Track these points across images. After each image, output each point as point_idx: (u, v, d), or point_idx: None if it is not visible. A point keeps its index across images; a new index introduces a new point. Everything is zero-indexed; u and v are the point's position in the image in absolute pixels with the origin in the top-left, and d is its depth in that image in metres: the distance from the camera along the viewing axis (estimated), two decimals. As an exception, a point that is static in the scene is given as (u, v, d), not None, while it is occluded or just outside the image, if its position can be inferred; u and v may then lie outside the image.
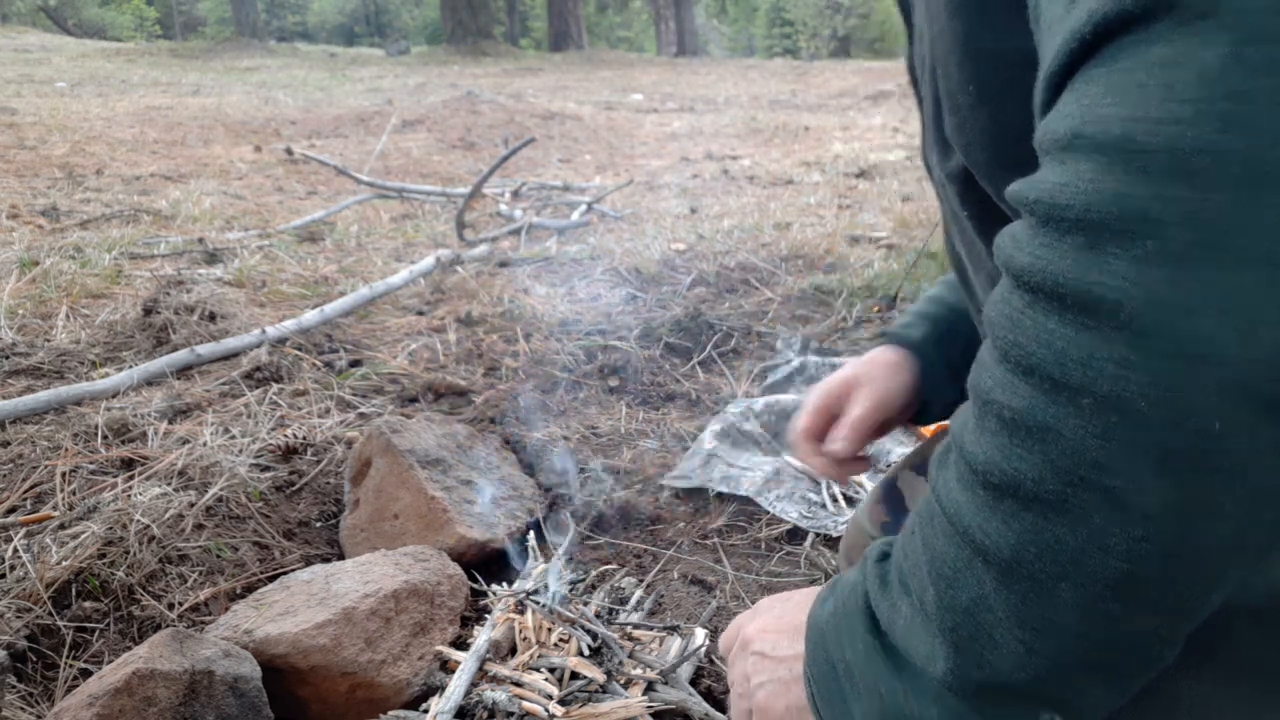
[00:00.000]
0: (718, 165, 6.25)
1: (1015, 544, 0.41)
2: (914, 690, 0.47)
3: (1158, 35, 0.36)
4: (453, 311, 2.84)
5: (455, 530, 1.53)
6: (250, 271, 3.22)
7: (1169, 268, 0.36)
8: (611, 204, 4.71)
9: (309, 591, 1.31)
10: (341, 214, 4.43)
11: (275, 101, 9.98)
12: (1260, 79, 0.34)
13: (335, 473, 1.80)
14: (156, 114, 8.18)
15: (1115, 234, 0.37)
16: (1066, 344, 0.39)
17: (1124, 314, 0.37)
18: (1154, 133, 0.36)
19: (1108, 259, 0.37)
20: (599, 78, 14.73)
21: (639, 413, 2.18)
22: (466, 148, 7.00)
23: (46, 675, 1.26)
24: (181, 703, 1.09)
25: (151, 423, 1.90)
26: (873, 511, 1.12)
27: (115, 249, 3.40)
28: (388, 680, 1.24)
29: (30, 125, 6.87)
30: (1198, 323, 0.36)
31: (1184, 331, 0.36)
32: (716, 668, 1.37)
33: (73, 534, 1.47)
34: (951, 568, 0.44)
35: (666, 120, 9.20)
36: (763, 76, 15.60)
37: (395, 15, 37.56)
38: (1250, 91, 0.34)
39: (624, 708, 1.15)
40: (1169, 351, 0.36)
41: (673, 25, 25.09)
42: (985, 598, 0.43)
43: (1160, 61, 0.36)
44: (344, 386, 2.22)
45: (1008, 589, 0.42)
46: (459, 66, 16.58)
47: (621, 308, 2.86)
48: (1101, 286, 0.37)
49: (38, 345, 2.35)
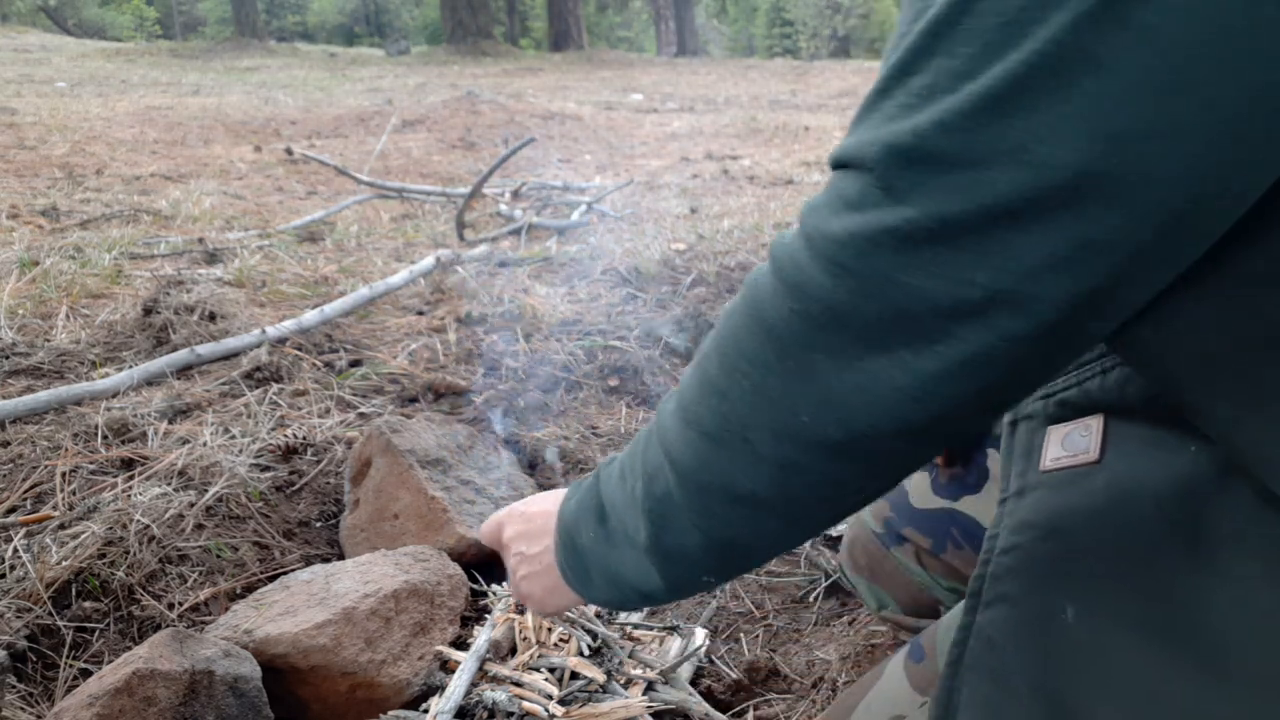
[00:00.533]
0: (718, 165, 6.25)
1: (690, 459, 0.56)
2: (626, 555, 0.64)
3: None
4: (453, 311, 2.84)
5: (455, 530, 1.53)
6: (250, 271, 3.22)
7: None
8: (611, 204, 4.71)
9: (309, 591, 1.31)
10: (341, 214, 4.43)
11: (275, 101, 9.99)
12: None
13: (335, 473, 1.80)
14: (156, 114, 8.18)
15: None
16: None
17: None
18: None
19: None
20: (599, 78, 14.73)
21: (639, 413, 2.18)
22: (466, 148, 7.00)
23: (46, 675, 1.26)
24: (181, 703, 1.09)
25: (151, 423, 1.90)
26: (877, 507, 1.12)
27: (115, 249, 3.40)
28: (388, 680, 1.24)
29: (30, 125, 6.87)
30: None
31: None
32: (717, 668, 1.37)
33: (73, 534, 1.47)
34: (654, 467, 0.60)
35: (666, 120, 9.20)
36: (763, 76, 15.60)
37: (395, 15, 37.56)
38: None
39: (624, 708, 1.15)
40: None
41: (673, 25, 25.10)
42: (670, 492, 0.58)
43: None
44: (344, 386, 2.22)
45: (683, 487, 0.57)
46: (459, 66, 16.58)
47: (621, 308, 2.86)
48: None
49: (38, 345, 2.35)
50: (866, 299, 0.46)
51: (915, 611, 1.11)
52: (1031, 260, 0.42)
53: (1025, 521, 0.61)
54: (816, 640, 1.42)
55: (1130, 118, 0.40)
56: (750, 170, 6.03)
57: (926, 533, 1.05)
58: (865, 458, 0.51)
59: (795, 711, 1.26)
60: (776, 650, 1.41)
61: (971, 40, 0.42)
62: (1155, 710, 0.50)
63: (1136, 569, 0.54)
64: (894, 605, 1.12)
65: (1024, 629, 0.57)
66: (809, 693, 1.29)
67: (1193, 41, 0.38)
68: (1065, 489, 0.60)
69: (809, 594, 1.55)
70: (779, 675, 1.34)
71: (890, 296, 0.45)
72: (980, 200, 0.42)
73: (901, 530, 1.07)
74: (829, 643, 1.39)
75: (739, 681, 1.33)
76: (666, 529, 0.60)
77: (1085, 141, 0.40)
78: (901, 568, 1.08)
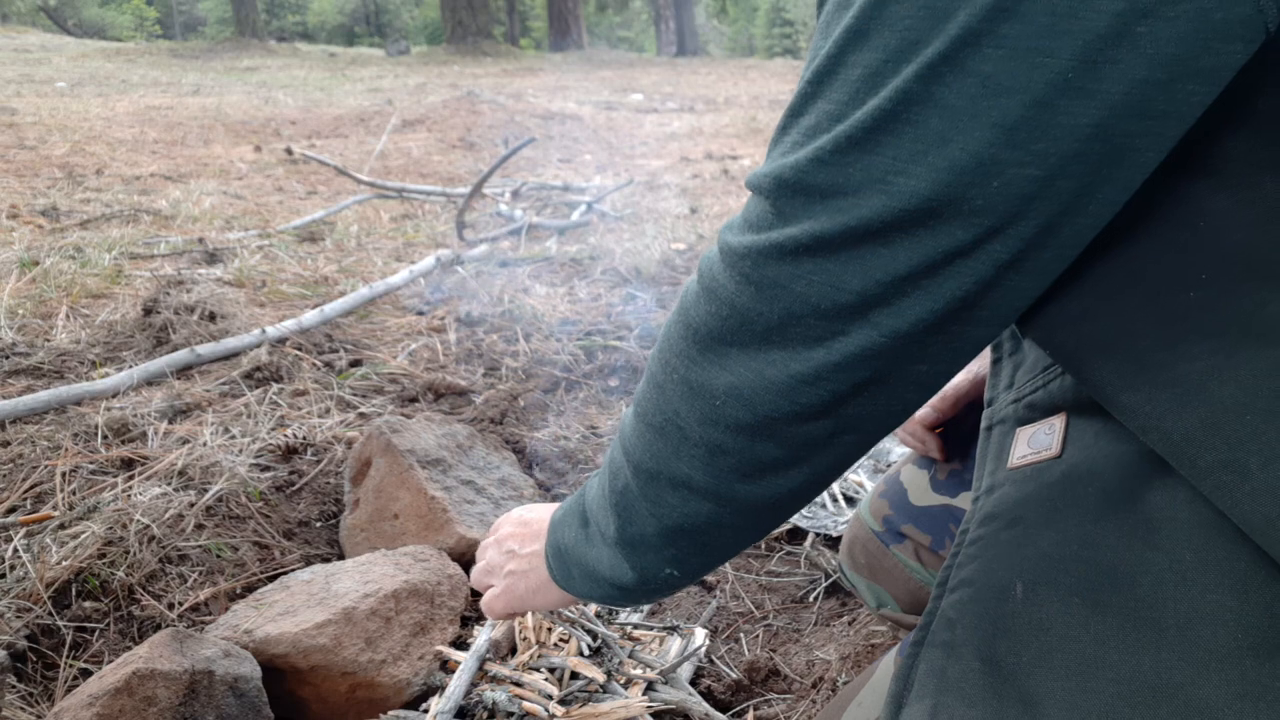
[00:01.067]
0: (718, 165, 6.25)
1: (640, 451, 0.64)
2: (599, 548, 0.70)
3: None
4: (453, 311, 2.84)
5: (455, 530, 1.53)
6: (250, 271, 3.22)
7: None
8: (611, 204, 4.71)
9: (309, 591, 1.31)
10: (341, 214, 4.43)
11: (275, 101, 9.98)
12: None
13: (335, 473, 1.80)
14: (156, 114, 8.19)
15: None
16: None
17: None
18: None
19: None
20: (599, 78, 14.72)
21: (639, 413, 2.18)
22: (466, 148, 7.00)
23: (46, 675, 1.26)
24: (181, 703, 1.09)
25: (151, 423, 1.90)
26: (876, 505, 1.13)
27: (115, 249, 3.40)
28: (388, 680, 1.24)
29: (30, 125, 6.87)
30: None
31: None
32: (716, 668, 1.37)
33: (73, 534, 1.47)
34: (616, 465, 0.67)
35: (666, 120, 9.20)
36: (763, 76, 15.60)
37: (395, 15, 37.56)
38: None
39: (624, 708, 1.15)
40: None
41: (673, 25, 25.10)
42: (629, 485, 0.65)
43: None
44: (344, 386, 2.22)
45: (637, 477, 0.64)
46: (459, 66, 16.58)
47: (621, 308, 2.86)
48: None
49: (38, 345, 2.35)
50: (765, 302, 0.53)
51: (914, 610, 1.11)
52: (897, 269, 0.49)
53: (990, 514, 0.65)
54: (816, 640, 1.42)
55: (969, 152, 0.45)
56: (750, 170, 6.03)
57: (926, 529, 1.06)
58: (777, 438, 0.57)
59: (795, 711, 1.26)
60: (776, 650, 1.41)
61: (843, 88, 0.49)
62: (1093, 677, 0.52)
63: (1080, 547, 0.56)
64: (893, 604, 1.13)
65: (977, 606, 0.60)
66: (809, 693, 1.29)
67: (1022, 85, 0.44)
68: (1027, 483, 0.63)
69: (809, 594, 1.55)
70: (779, 675, 1.34)
71: (782, 300, 0.52)
72: (848, 221, 0.49)
73: (901, 528, 1.08)
74: (829, 643, 1.39)
75: (739, 681, 1.33)
76: (629, 520, 0.66)
77: (933, 172, 0.46)
78: (901, 565, 1.09)
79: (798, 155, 0.50)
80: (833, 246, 0.50)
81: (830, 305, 0.51)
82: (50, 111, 7.80)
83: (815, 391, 0.54)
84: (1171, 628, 0.51)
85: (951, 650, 0.60)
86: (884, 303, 0.50)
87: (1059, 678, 0.53)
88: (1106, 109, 0.44)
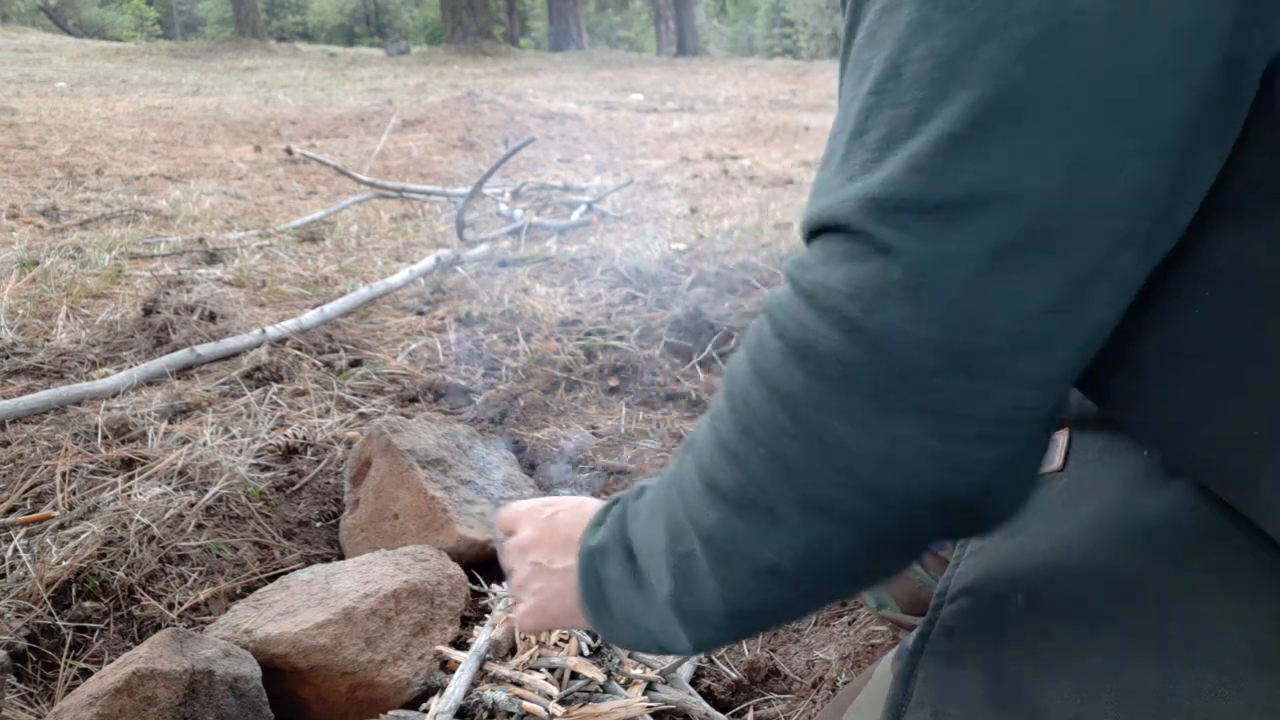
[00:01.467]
0: (718, 165, 6.24)
1: (711, 524, 0.53)
2: (648, 604, 0.61)
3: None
4: (453, 311, 2.84)
5: (455, 530, 1.53)
6: (250, 271, 3.22)
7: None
8: (611, 204, 4.70)
9: (309, 591, 1.31)
10: (341, 214, 4.43)
11: (275, 101, 9.98)
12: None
13: (335, 473, 1.80)
14: (156, 114, 8.18)
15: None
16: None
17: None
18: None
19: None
20: (599, 78, 14.72)
21: (639, 413, 2.18)
22: (466, 148, 7.00)
23: (46, 675, 1.26)
24: (181, 703, 1.09)
25: (151, 423, 1.90)
26: None
27: (115, 249, 3.40)
28: (388, 680, 1.24)
29: (30, 125, 6.87)
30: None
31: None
32: (716, 668, 1.37)
33: (73, 534, 1.47)
34: (679, 526, 0.56)
35: (666, 120, 9.20)
36: (763, 76, 15.60)
37: (395, 15, 37.56)
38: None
39: (624, 708, 1.15)
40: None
41: (673, 25, 25.08)
42: (694, 552, 0.55)
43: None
44: (344, 386, 2.22)
45: (708, 552, 0.54)
46: (459, 66, 16.57)
47: (621, 308, 2.86)
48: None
49: (38, 345, 2.35)
50: (880, 355, 0.43)
51: (914, 611, 1.11)
52: (1044, 297, 0.41)
53: None
54: (816, 640, 1.42)
55: (1094, 142, 0.40)
56: (750, 170, 6.03)
57: None
58: (900, 531, 0.48)
59: (795, 711, 1.26)
60: (776, 650, 1.41)
61: (916, 85, 0.42)
62: (1097, 687, 0.51)
63: (1082, 556, 0.56)
64: (893, 605, 1.13)
65: (978, 615, 0.60)
66: (809, 693, 1.29)
67: (1133, 65, 0.39)
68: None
69: (809, 594, 1.55)
70: (779, 675, 1.34)
71: (904, 351, 0.43)
72: (970, 239, 0.41)
73: None
74: (829, 643, 1.39)
75: (739, 681, 1.33)
76: (689, 590, 0.56)
77: (1055, 169, 0.40)
78: None
79: (884, 170, 0.42)
80: (961, 271, 0.41)
81: (969, 353, 0.43)
82: (50, 111, 7.79)
83: (961, 476, 0.46)
84: (1176, 638, 0.50)
85: (952, 659, 0.60)
86: (1030, 345, 0.42)
87: (1061, 688, 0.52)
88: (1192, 91, 0.40)
